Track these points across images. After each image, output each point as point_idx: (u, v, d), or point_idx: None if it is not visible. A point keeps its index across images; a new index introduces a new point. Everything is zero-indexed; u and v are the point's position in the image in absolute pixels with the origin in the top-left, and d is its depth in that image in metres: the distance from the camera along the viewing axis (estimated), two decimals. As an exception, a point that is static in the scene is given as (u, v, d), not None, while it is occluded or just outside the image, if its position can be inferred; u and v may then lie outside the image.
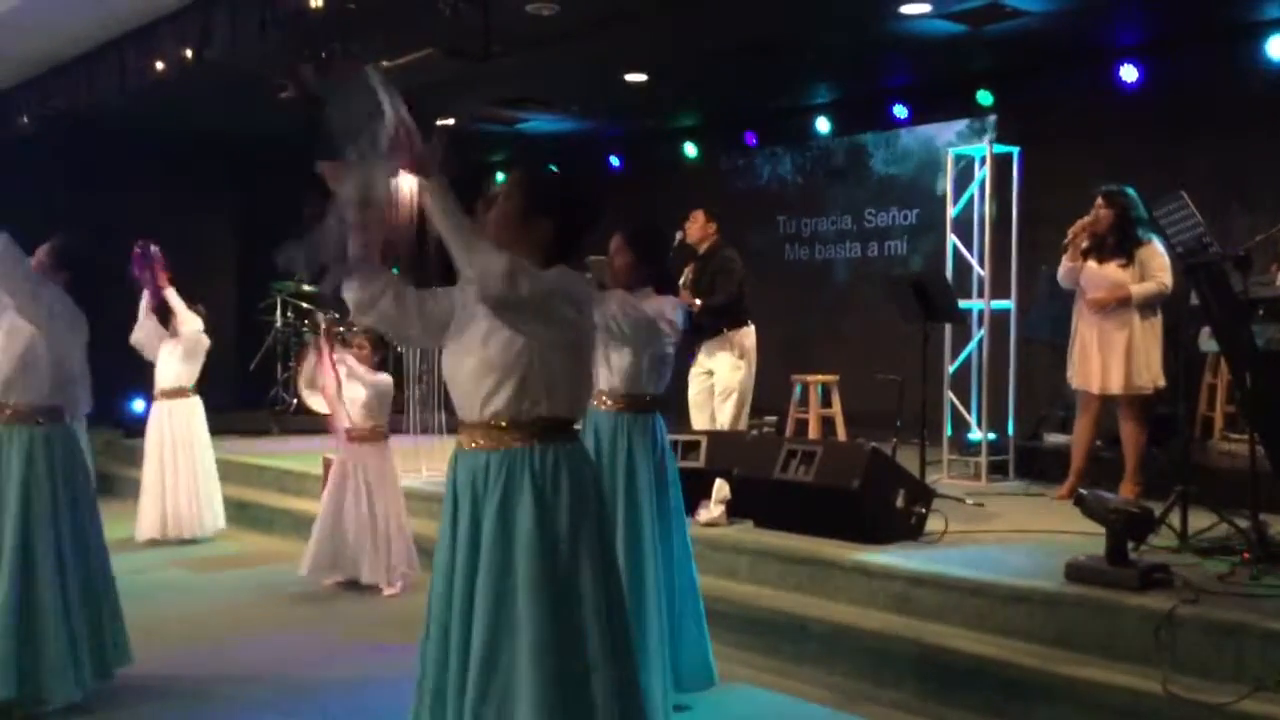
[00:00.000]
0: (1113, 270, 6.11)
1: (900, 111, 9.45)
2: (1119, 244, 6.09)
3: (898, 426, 7.01)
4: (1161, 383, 6.08)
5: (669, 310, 3.98)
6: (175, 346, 7.32)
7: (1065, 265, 6.27)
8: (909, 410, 6.95)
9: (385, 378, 6.27)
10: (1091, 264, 6.17)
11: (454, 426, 2.90)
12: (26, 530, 4.03)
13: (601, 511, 2.86)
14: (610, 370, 4.00)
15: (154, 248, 7.10)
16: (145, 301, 7.21)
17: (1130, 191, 6.14)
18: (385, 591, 5.97)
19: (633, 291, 3.98)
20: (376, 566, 6.00)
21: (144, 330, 7.25)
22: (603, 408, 4.02)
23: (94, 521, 4.29)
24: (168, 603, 5.93)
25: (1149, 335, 6.08)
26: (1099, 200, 6.16)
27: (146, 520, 7.28)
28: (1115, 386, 6.08)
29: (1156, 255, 6.03)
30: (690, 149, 11.19)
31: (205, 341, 7.40)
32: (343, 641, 5.27)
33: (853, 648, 4.59)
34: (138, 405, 7.81)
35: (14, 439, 4.08)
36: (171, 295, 7.19)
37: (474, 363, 2.75)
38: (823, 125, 10.10)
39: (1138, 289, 6.02)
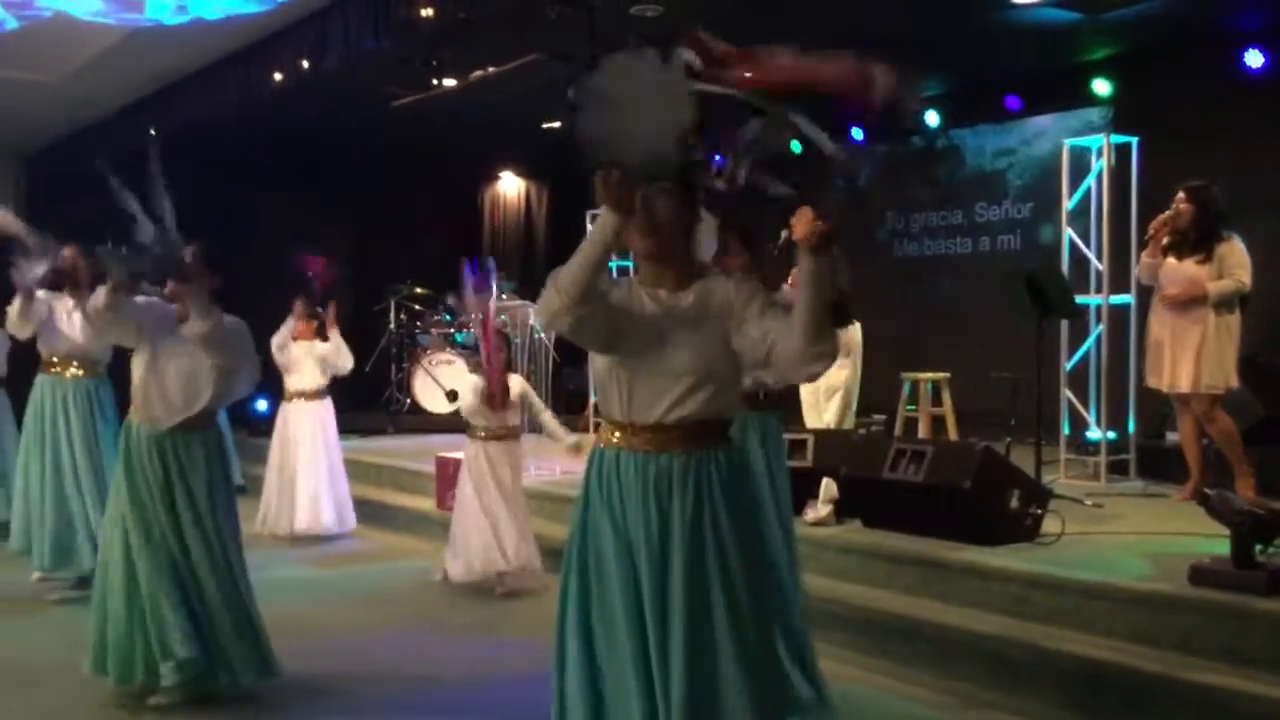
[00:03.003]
0: (1191, 266, 6.05)
1: (1014, 103, 9.25)
2: (1199, 240, 6.04)
3: (1012, 425, 6.86)
4: (1234, 383, 5.99)
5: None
6: (314, 352, 7.66)
7: (1145, 261, 6.26)
8: (1024, 409, 6.80)
9: (519, 378, 6.31)
10: (1171, 260, 6.14)
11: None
12: (214, 524, 4.31)
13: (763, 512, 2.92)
14: None
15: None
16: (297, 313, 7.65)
17: (1213, 188, 6.09)
18: (498, 590, 6.06)
19: None
20: (496, 562, 6.06)
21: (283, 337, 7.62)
22: None
23: (235, 521, 4.51)
24: (293, 598, 6.08)
25: (1223, 334, 5.98)
26: (1180, 195, 6.14)
27: (279, 515, 7.56)
28: (1184, 385, 6.00)
29: (1235, 252, 5.98)
30: (794, 145, 11.09)
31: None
32: (463, 636, 5.38)
33: (967, 651, 4.52)
34: (260, 405, 8.15)
35: (191, 443, 4.34)
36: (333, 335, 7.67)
37: (658, 367, 2.78)
38: (932, 118, 9.92)
39: (1214, 286, 5.96)
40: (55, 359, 6.14)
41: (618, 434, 2.82)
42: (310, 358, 7.63)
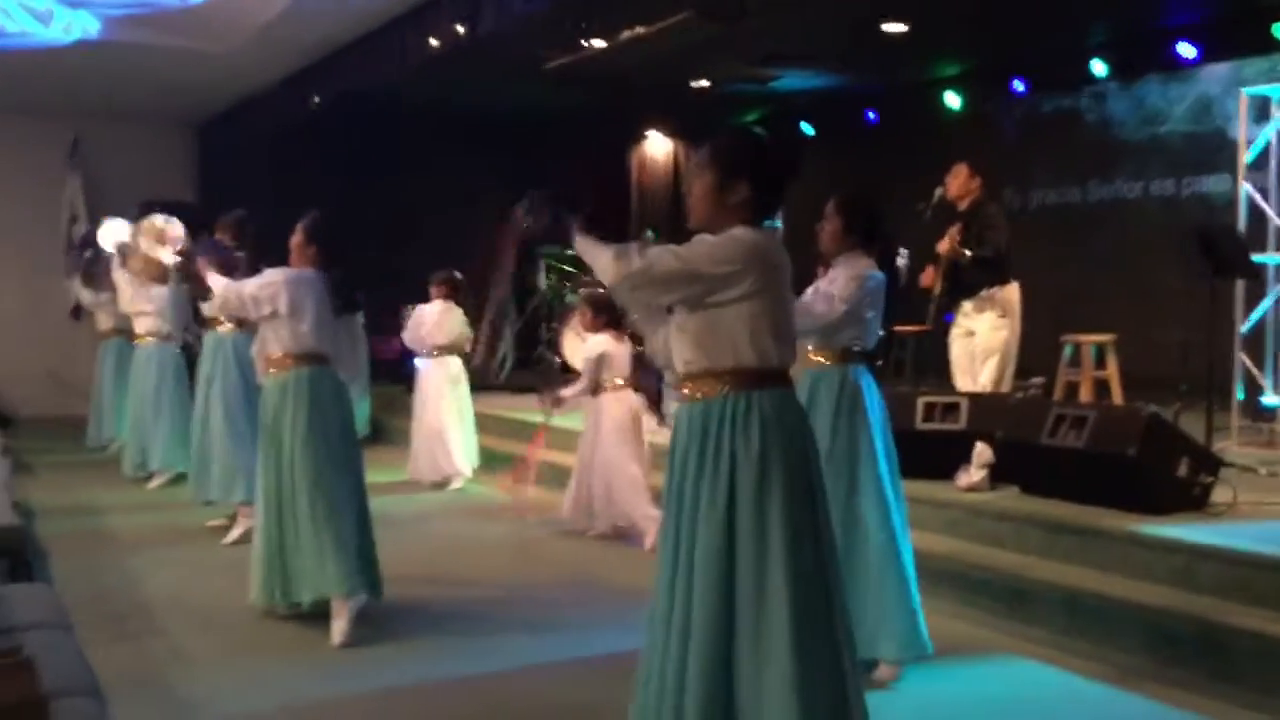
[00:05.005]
0: None
1: (1186, 50, 8.77)
2: None
3: (1181, 390, 6.57)
4: None
5: (839, 284, 4.00)
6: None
7: None
8: (1194, 372, 6.50)
9: (601, 338, 6.51)
10: None
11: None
12: (291, 460, 4.68)
13: (802, 461, 2.87)
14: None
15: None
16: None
17: None
18: (646, 544, 6.13)
19: (838, 258, 4.08)
20: (620, 515, 6.36)
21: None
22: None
23: (346, 459, 4.79)
24: (443, 542, 6.43)
25: None
26: None
27: (414, 464, 8.20)
28: None
29: None
30: (952, 100, 10.78)
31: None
32: (601, 585, 5.53)
33: (1128, 622, 4.37)
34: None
35: (274, 387, 4.76)
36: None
37: (674, 324, 2.96)
38: (1099, 68, 9.49)
39: None
40: (213, 318, 6.64)
41: None
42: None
